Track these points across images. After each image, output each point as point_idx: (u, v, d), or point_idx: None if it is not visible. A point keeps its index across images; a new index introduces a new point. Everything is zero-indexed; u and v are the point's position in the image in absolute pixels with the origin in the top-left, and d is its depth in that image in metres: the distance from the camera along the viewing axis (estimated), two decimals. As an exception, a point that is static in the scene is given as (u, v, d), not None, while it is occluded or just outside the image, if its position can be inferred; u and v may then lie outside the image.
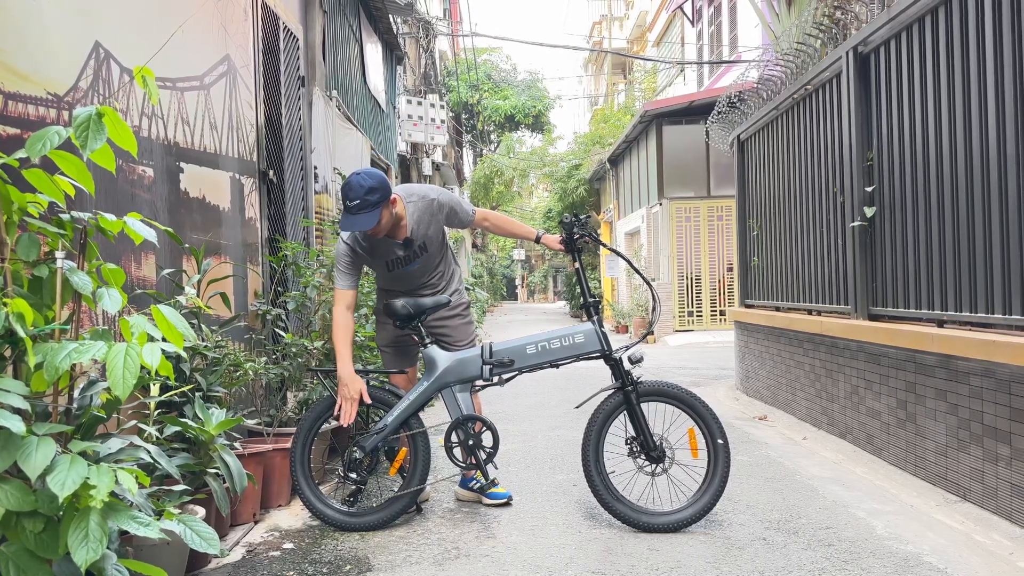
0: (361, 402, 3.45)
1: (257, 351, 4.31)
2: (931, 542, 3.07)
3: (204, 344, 3.28)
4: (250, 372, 3.58)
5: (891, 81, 4.27)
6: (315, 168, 5.89)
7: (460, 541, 3.21)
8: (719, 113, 7.63)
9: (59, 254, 1.98)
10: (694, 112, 13.62)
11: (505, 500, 3.72)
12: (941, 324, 3.85)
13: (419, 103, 13.16)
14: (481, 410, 3.91)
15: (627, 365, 3.34)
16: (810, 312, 5.59)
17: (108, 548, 1.84)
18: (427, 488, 3.71)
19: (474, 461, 3.46)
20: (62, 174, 1.96)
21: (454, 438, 3.47)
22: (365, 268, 3.75)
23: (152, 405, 2.65)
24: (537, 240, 3.70)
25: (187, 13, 3.66)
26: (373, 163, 8.83)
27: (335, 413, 3.45)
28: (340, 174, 6.49)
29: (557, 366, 3.45)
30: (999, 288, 3.33)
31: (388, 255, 3.58)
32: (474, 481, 3.71)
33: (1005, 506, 3.23)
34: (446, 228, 3.74)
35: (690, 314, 14.30)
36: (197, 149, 3.75)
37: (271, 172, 4.88)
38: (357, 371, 3.50)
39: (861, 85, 4.60)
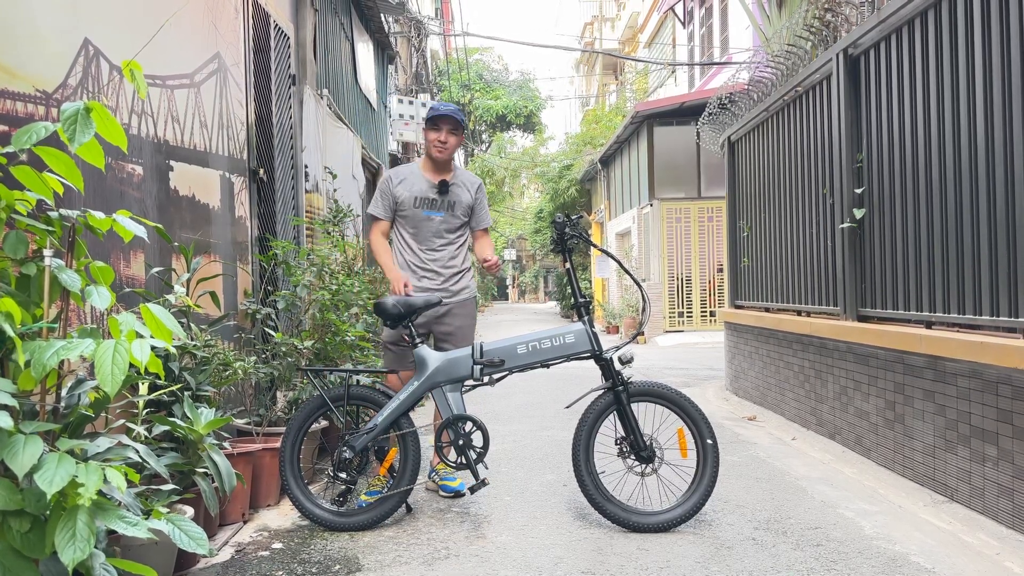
0: (352, 400, 3.48)
1: (247, 350, 4.29)
2: (919, 542, 3.09)
3: (193, 343, 3.26)
4: (239, 371, 3.57)
5: (881, 83, 4.29)
6: (306, 167, 5.87)
7: (450, 541, 3.21)
8: (710, 114, 7.66)
9: (47, 252, 1.96)
10: (685, 113, 13.67)
11: (453, 493, 3.84)
12: (929, 325, 3.87)
13: (410, 102, 13.12)
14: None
15: (617, 365, 3.34)
16: (799, 313, 5.62)
17: (96, 547, 1.83)
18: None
19: (464, 461, 3.46)
20: (51, 171, 1.94)
21: (444, 438, 3.47)
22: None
23: (140, 404, 2.63)
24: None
25: (177, 10, 3.64)
26: (364, 162, 8.81)
27: (397, 289, 3.70)
28: (331, 173, 6.48)
29: (547, 366, 3.46)
30: (987, 290, 3.35)
31: (421, 191, 3.89)
32: (434, 472, 3.88)
33: (992, 506, 3.26)
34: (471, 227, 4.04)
35: (680, 315, 14.34)
36: (187, 147, 3.73)
37: (261, 170, 4.86)
38: (346, 369, 3.70)
39: (851, 87, 4.62)
